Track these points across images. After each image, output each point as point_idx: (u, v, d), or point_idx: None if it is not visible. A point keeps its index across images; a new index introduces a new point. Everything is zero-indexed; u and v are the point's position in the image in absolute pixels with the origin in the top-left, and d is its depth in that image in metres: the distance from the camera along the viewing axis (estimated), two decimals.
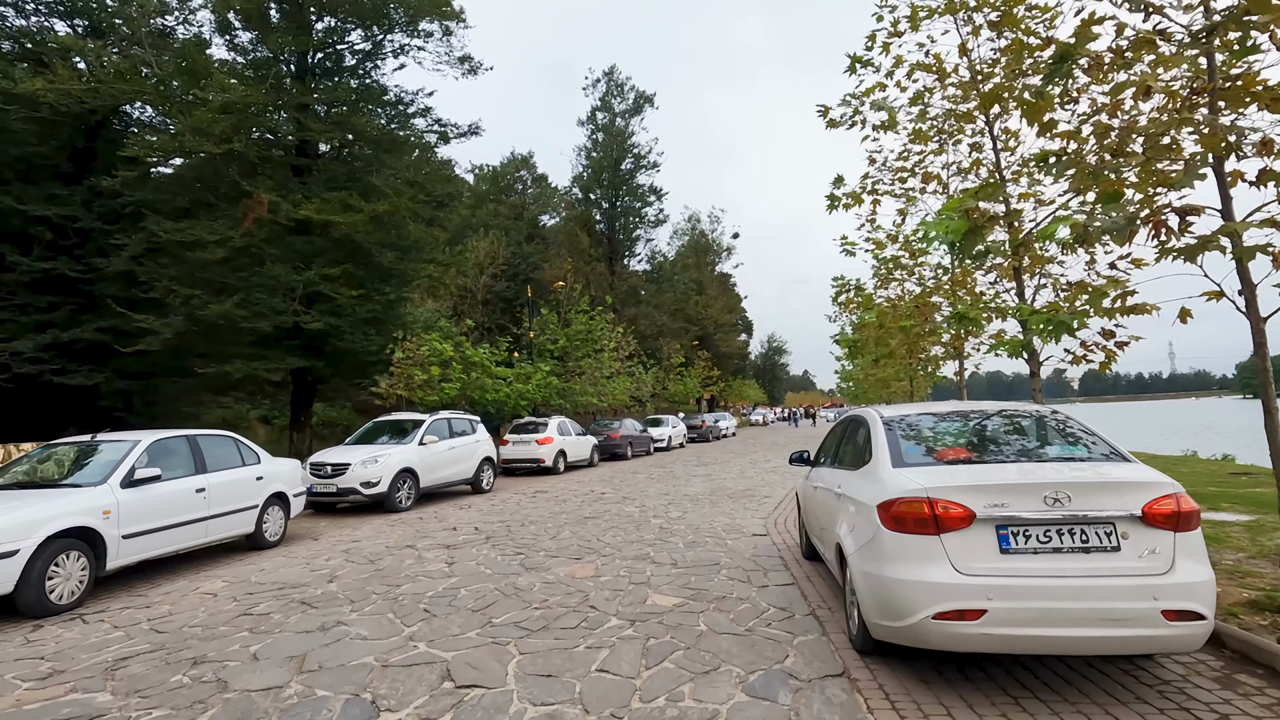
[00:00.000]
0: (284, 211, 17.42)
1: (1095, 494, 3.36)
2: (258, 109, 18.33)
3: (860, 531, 3.94)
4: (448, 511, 11.36)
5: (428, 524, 10.05)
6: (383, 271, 20.25)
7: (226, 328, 17.73)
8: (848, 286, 12.58)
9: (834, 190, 7.82)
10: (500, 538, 8.63)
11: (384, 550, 8.04)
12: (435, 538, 8.79)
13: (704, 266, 57.90)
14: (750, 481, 14.58)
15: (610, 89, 44.78)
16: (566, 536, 8.57)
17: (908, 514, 3.54)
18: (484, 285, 41.13)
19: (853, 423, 5.33)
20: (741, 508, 10.75)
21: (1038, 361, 7.44)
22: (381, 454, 11.56)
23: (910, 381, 13.88)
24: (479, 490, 14.03)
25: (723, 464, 19.66)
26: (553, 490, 14.12)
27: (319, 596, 5.96)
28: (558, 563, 7.06)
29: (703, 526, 9.06)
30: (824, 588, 5.72)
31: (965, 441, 4.20)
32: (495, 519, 10.30)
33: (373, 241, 19.03)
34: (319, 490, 11.19)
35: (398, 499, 11.55)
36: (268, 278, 17.40)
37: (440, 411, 13.84)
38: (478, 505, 12.08)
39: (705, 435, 34.16)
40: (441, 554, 7.69)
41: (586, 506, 11.37)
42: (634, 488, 14.05)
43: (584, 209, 45.98)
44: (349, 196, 18.29)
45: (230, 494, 7.77)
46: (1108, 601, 3.18)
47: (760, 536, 8.26)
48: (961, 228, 4.36)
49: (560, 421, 19.07)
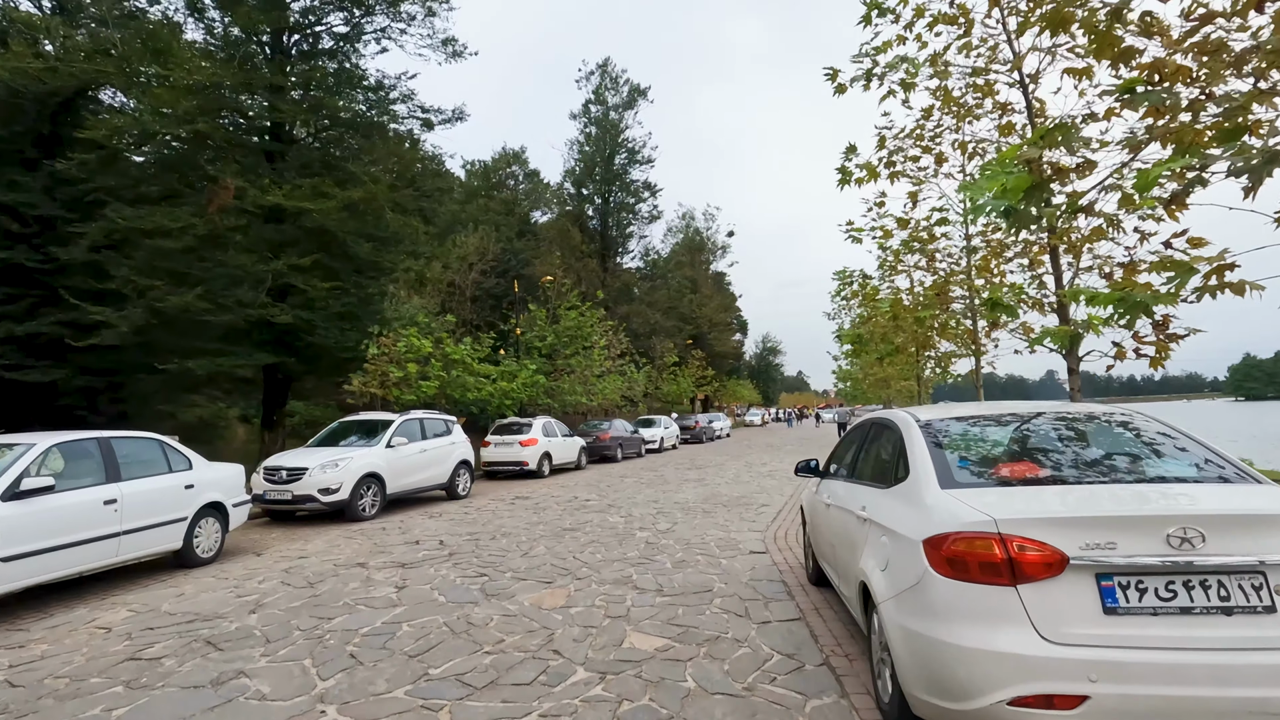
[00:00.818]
0: (251, 197, 16.37)
1: (1238, 531, 2.41)
2: (227, 90, 17.29)
3: (898, 572, 2.98)
4: (415, 521, 10.35)
5: (389, 536, 9.05)
6: (359, 263, 19.20)
7: (189, 321, 16.69)
8: (851, 279, 11.65)
9: (845, 162, 6.87)
10: (465, 554, 7.63)
11: (330, 569, 7.03)
12: (393, 553, 7.79)
13: (698, 264, 56.95)
14: (746, 487, 13.62)
15: (604, 81, 43.78)
16: (540, 553, 7.59)
17: (969, 556, 2.58)
18: (473, 282, 40.06)
19: (877, 427, 4.37)
20: (737, 518, 9.79)
21: (1076, 357, 6.52)
22: (343, 457, 10.54)
23: (917, 381, 12.95)
24: (454, 496, 13.02)
25: (717, 467, 18.70)
26: (534, 496, 13.13)
27: (231, 634, 4.95)
28: (524, 588, 6.08)
29: (694, 541, 8.09)
30: (838, 625, 4.76)
31: (1032, 454, 3.24)
32: (465, 530, 9.30)
33: (347, 231, 17.98)
34: (273, 498, 10.18)
35: (360, 507, 10.54)
36: (232, 268, 16.34)
37: (413, 411, 12.83)
38: (450, 513, 11.08)
39: (699, 436, 33.21)
40: (394, 575, 6.69)
41: (567, 516, 10.38)
42: (621, 494, 13.07)
43: (576, 204, 44.96)
44: (322, 183, 17.25)
45: (150, 505, 6.75)
46: (1267, 689, 2.23)
47: (758, 554, 7.29)
48: (1022, 184, 3.40)
49: (545, 422, 18.08)
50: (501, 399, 19.96)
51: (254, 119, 18.69)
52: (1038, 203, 3.46)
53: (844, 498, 4.21)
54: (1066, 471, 3.05)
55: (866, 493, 3.78)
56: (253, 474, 10.59)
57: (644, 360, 36.32)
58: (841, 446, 5.30)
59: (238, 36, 18.53)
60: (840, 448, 5.33)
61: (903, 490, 3.27)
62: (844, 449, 5.26)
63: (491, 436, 17.51)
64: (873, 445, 4.36)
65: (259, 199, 16.20)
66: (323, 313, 18.16)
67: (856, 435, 4.89)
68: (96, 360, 17.69)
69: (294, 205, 16.46)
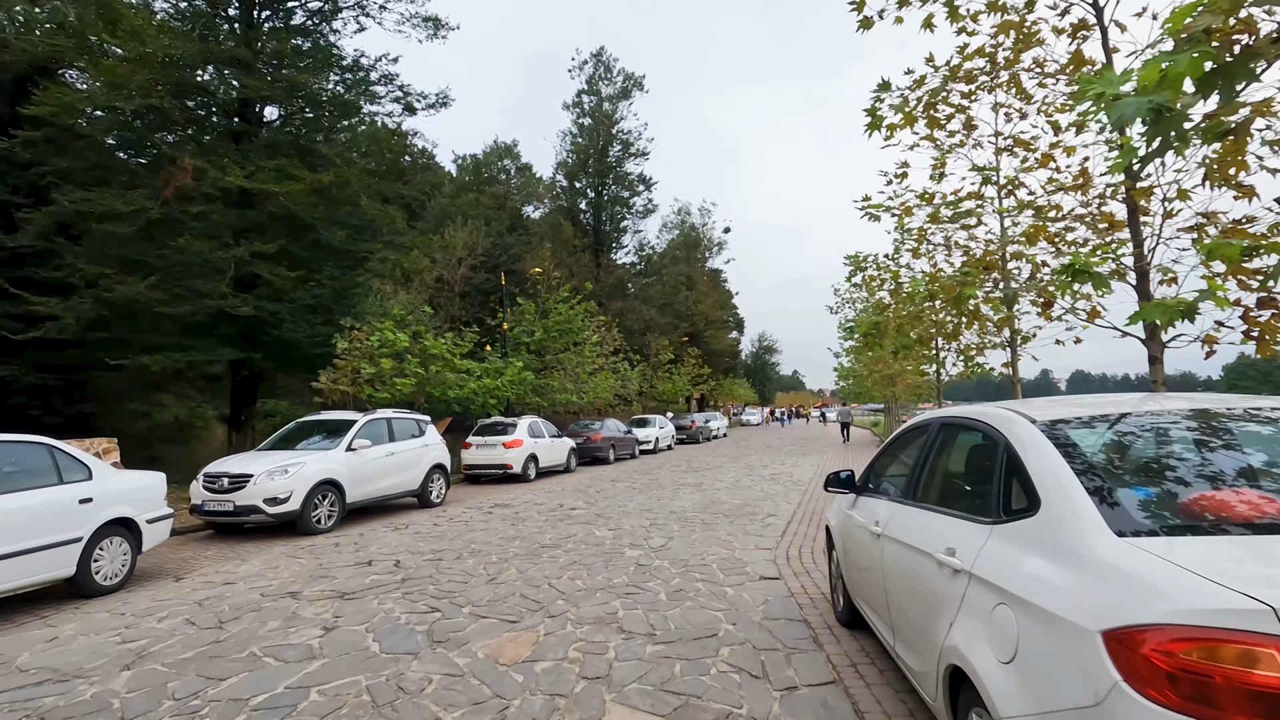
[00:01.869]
0: (211, 179, 15.10)
1: None
2: (185, 64, 16.00)
3: (1045, 676, 1.78)
4: (376, 535, 9.12)
5: (340, 554, 7.81)
6: (332, 252, 17.93)
7: (146, 313, 15.44)
8: (865, 263, 10.47)
9: (876, 103, 5.67)
10: (421, 580, 6.41)
11: (254, 601, 5.81)
12: (336, 578, 6.57)
13: (694, 261, 55.76)
14: (748, 493, 12.42)
15: (598, 71, 42.54)
16: (510, 579, 6.37)
17: (1219, 673, 1.39)
18: (462, 277, 38.84)
19: (951, 430, 3.17)
20: (741, 531, 8.59)
21: (1161, 342, 5.35)
22: (295, 462, 9.30)
23: (937, 376, 11.77)
24: (427, 504, 11.78)
25: (715, 470, 17.50)
26: (515, 503, 11.91)
27: (78, 707, 3.73)
28: (483, 630, 4.86)
29: (693, 562, 6.88)
30: (887, 693, 3.56)
31: (1254, 478, 2.04)
32: (429, 547, 8.07)
33: (317, 217, 16.70)
34: (212, 509, 8.94)
35: (315, 519, 9.31)
36: (190, 255, 15.06)
37: (379, 410, 11.59)
38: (417, 525, 9.85)
39: (695, 437, 32.04)
40: (327, 610, 5.47)
41: (549, 528, 9.17)
42: (611, 501, 11.86)
43: (569, 197, 43.70)
44: (289, 164, 15.98)
45: (26, 525, 5.51)
46: None
47: (770, 580, 6.09)
48: (1196, 67, 2.20)
49: (531, 422, 16.86)
50: (486, 397, 18.72)
51: (218, 96, 17.40)
52: (1227, 92, 2.27)
53: (910, 530, 3.00)
54: None
55: (955, 529, 2.58)
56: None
57: (638, 358, 35.12)
58: (887, 455, 4.11)
59: (201, 9, 17.24)
60: (885, 457, 4.13)
61: (1033, 532, 2.07)
62: (889, 458, 4.07)
63: (473, 438, 16.28)
64: (943, 455, 3.17)
65: (219, 180, 14.92)
66: (291, 305, 16.91)
67: (911, 441, 3.69)
68: (50, 356, 16.39)
69: (257, 187, 15.22)
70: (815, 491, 12.44)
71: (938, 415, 3.33)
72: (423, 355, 17.00)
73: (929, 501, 3.08)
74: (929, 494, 3.13)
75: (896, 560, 3.07)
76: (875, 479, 4.12)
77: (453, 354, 17.71)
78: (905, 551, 2.95)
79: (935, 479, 3.15)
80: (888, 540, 3.23)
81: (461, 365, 18.00)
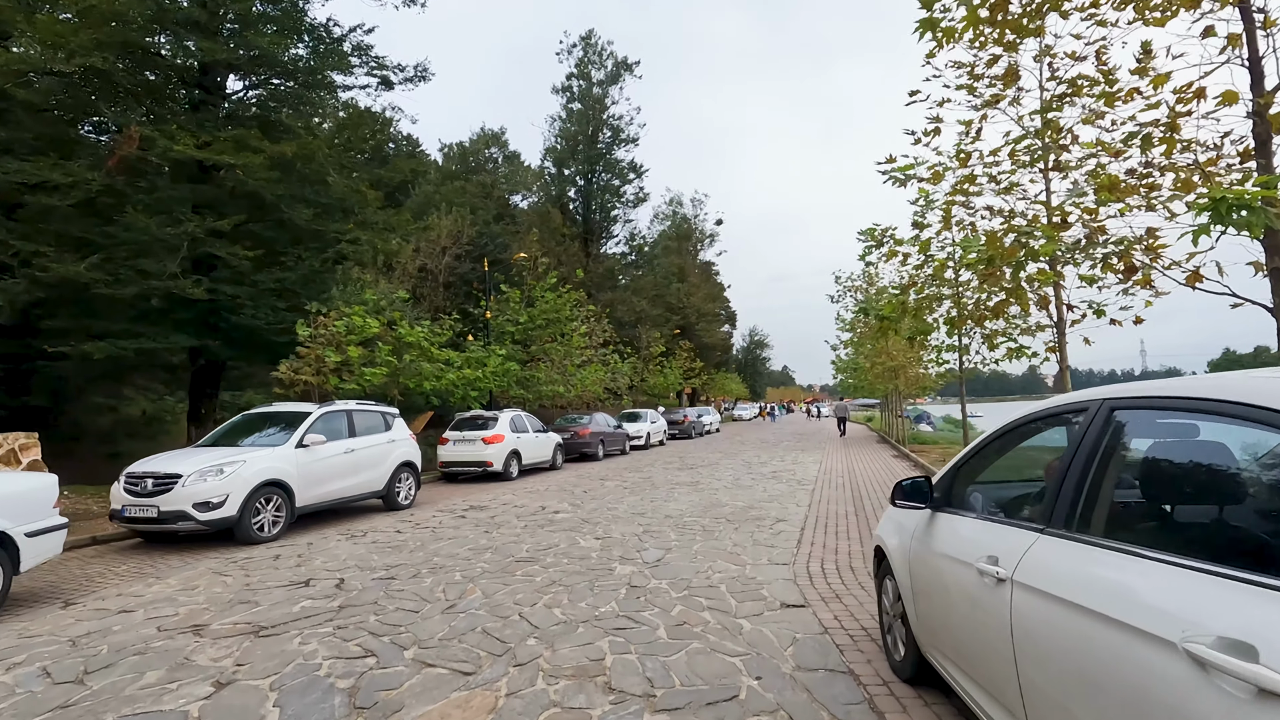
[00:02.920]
0: (160, 148, 13.74)
1: None
2: (135, 23, 14.60)
3: None
4: (326, 544, 7.89)
5: (278, 570, 6.59)
6: (298, 232, 16.58)
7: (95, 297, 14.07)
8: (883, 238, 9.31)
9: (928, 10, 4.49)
10: (362, 607, 5.20)
11: (143, 639, 4.58)
12: (259, 605, 5.34)
13: (686, 252, 54.60)
14: (750, 494, 11.27)
15: (587, 54, 41.17)
16: (472, 607, 5.17)
17: None
18: (446, 266, 37.51)
19: (1161, 423, 1.98)
20: (749, 539, 7.43)
21: None
22: (233, 461, 8.04)
23: (960, 365, 10.65)
24: (393, 506, 10.56)
25: (711, 467, 16.35)
26: (492, 505, 10.70)
27: None
28: (424, 686, 3.67)
29: (696, 583, 5.71)
30: None
31: None
32: (384, 561, 6.86)
33: (279, 194, 15.35)
34: (135, 515, 7.67)
35: (256, 526, 8.06)
36: (138, 232, 13.70)
37: (338, 402, 10.33)
38: (378, 531, 8.62)
39: (688, 432, 30.90)
40: (230, 652, 4.25)
41: (527, 536, 7.97)
42: (599, 502, 10.67)
43: (557, 185, 42.34)
44: (247, 134, 14.63)
45: None
46: None
47: (795, 609, 4.93)
48: None
49: (514, 416, 15.63)
50: (466, 389, 17.48)
51: (172, 62, 15.99)
52: None
53: (1105, 589, 1.77)
54: None
55: (1243, 603, 1.39)
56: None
57: (629, 350, 33.93)
58: (988, 455, 2.94)
59: None
60: (982, 458, 2.97)
61: None
62: (985, 460, 2.92)
63: (450, 432, 15.04)
64: (1114, 461, 1.99)
65: (168, 150, 13.56)
66: (253, 289, 15.58)
67: (1041, 436, 2.53)
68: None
69: (210, 158, 13.86)
70: (825, 492, 11.31)
71: (1108, 395, 2.15)
72: (397, 344, 15.72)
73: (1095, 531, 1.92)
74: (1096, 519, 1.96)
75: (1061, 631, 1.88)
76: (968, 490, 2.95)
77: (430, 342, 16.45)
78: (1090, 624, 1.76)
79: (1103, 493, 1.97)
80: (1030, 594, 2.05)
81: (440, 355, 16.74)
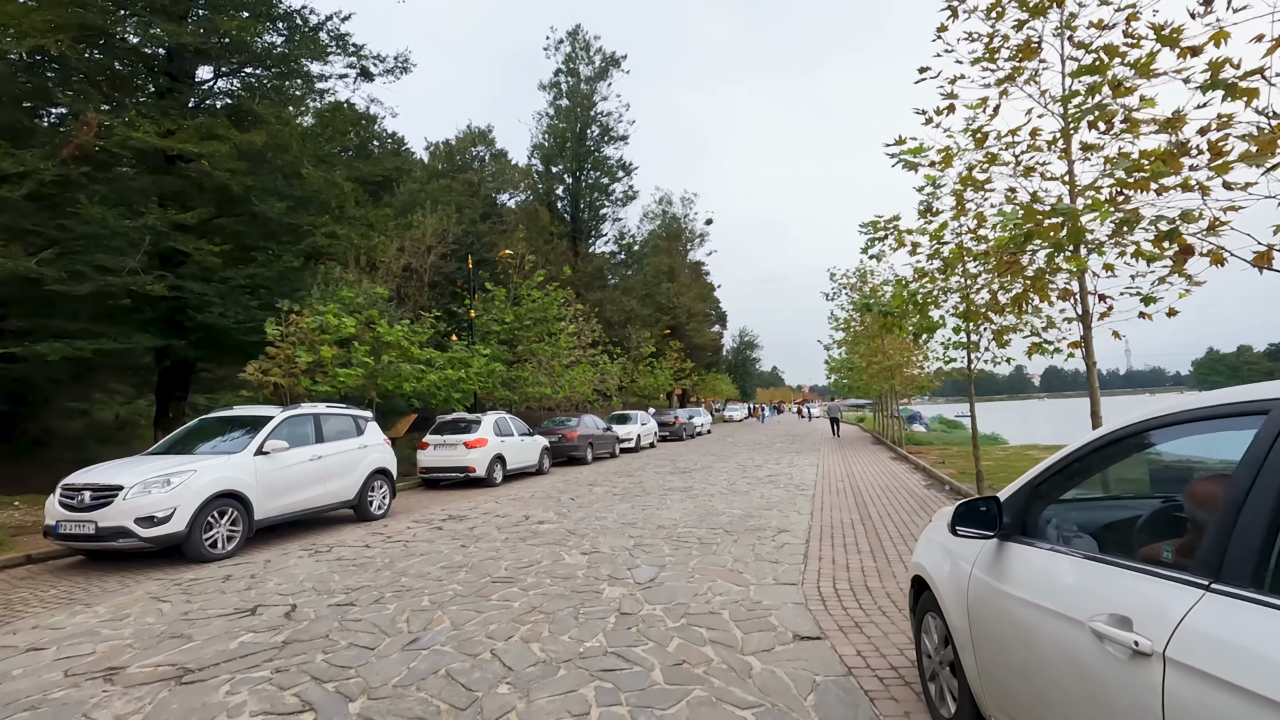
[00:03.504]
0: (119, 136, 12.93)
1: None
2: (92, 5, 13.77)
3: None
4: (285, 562, 7.16)
5: (224, 595, 5.86)
6: (270, 227, 15.78)
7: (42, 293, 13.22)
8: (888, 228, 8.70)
9: None
10: (310, 642, 4.50)
11: (43, 687, 3.86)
12: (193, 639, 4.62)
13: (676, 252, 53.97)
14: (747, 500, 10.63)
15: (575, 50, 40.49)
16: (437, 641, 4.48)
17: None
18: (431, 265, 36.71)
19: None
20: (751, 554, 6.78)
21: None
22: (181, 471, 7.30)
23: (969, 363, 10.06)
24: (365, 517, 9.83)
25: (704, 470, 15.70)
26: (472, 515, 9.99)
27: None
28: None
29: (695, 608, 5.05)
30: None
31: None
32: (344, 583, 6.14)
33: (249, 185, 14.54)
34: (70, 532, 6.91)
35: (209, 542, 7.33)
36: (97, 225, 12.89)
37: (306, 405, 9.59)
38: (344, 546, 7.90)
39: (679, 434, 30.27)
40: (140, 706, 3.54)
41: (507, 551, 7.28)
42: (587, 511, 9.99)
43: (545, 182, 41.59)
44: (214, 123, 13.85)
45: None
46: None
47: (811, 641, 4.28)
48: None
49: (498, 419, 14.92)
50: (449, 390, 16.73)
51: (138, 46, 15.17)
52: None
53: None
54: None
55: None
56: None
57: (618, 350, 33.25)
58: (1076, 471, 2.30)
59: None
60: (1065, 475, 2.32)
61: None
62: (1077, 477, 2.27)
63: (430, 436, 14.31)
64: None
65: (127, 137, 12.76)
66: (222, 286, 14.78)
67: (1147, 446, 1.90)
68: None
69: (173, 147, 13.07)
70: (826, 498, 10.69)
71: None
72: (375, 343, 14.96)
73: None
74: None
75: None
76: (1051, 514, 2.31)
77: (410, 342, 15.69)
78: None
79: None
80: (1198, 681, 1.40)
81: (420, 355, 15.99)
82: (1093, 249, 5.99)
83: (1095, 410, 6.81)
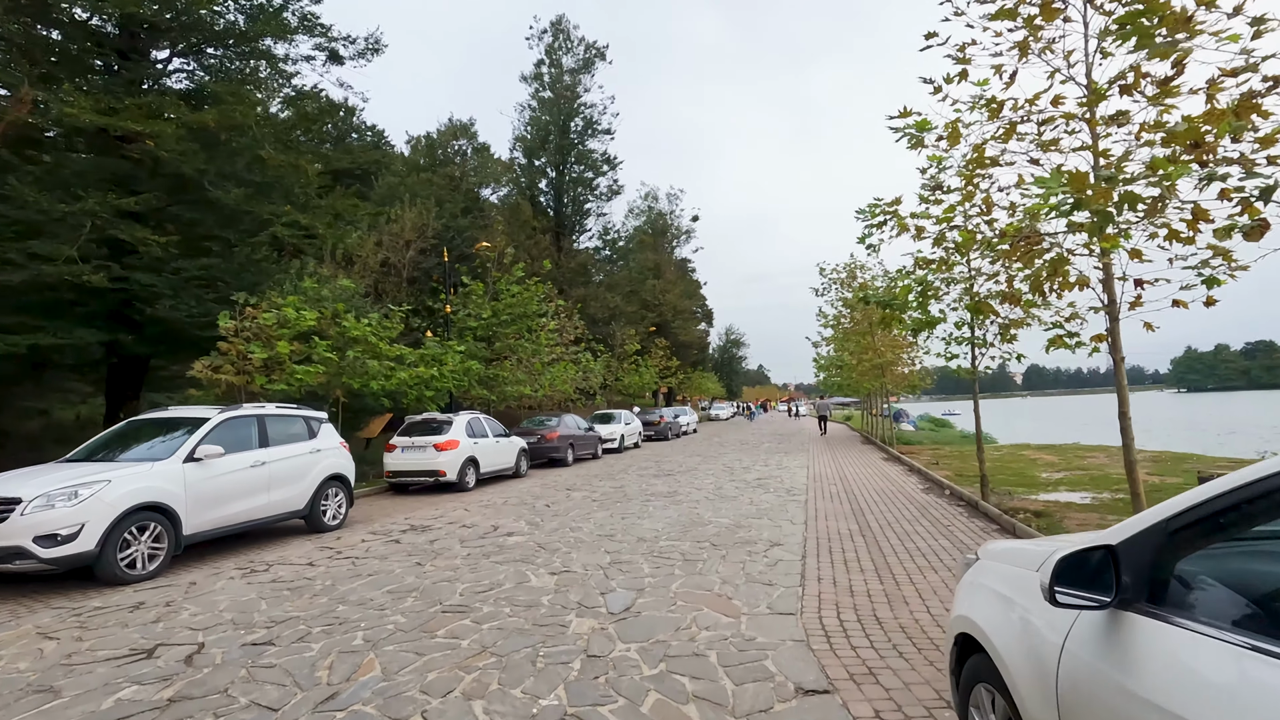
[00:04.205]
0: (55, 114, 11.93)
1: None
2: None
3: None
4: (211, 586, 6.28)
5: (125, 630, 4.99)
6: (226, 214, 14.78)
7: None
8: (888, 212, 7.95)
9: None
10: (203, 700, 3.65)
11: None
12: (63, 693, 3.76)
13: (661, 248, 53.19)
14: (736, 507, 9.87)
15: (557, 41, 39.53)
16: (358, 699, 3.65)
17: None
18: (410, 261, 35.65)
19: None
20: (741, 574, 6.01)
21: None
22: (91, 481, 6.39)
23: (972, 360, 9.36)
24: (318, 528, 8.95)
25: (690, 473, 14.93)
26: (436, 525, 9.14)
27: None
28: None
29: (676, 647, 4.26)
30: None
31: None
32: (271, 614, 5.29)
33: (200, 168, 13.54)
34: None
35: (125, 562, 6.43)
36: (32, 211, 11.87)
37: (247, 405, 8.68)
38: (284, 564, 7.02)
39: (664, 433, 29.48)
40: None
41: (466, 571, 6.45)
42: (562, 520, 9.18)
43: (528, 176, 40.60)
44: (160, 100, 12.86)
45: None
46: None
47: (818, 697, 3.50)
48: None
49: (471, 419, 14.04)
50: (421, 389, 15.82)
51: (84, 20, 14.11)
52: None
53: None
54: None
55: None
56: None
57: (602, 348, 32.41)
58: (1252, 506, 1.53)
59: None
60: (1236, 510, 1.55)
61: None
62: (1253, 511, 1.51)
63: (398, 438, 13.40)
64: None
65: (63, 115, 11.75)
66: (173, 277, 13.78)
67: None
68: None
69: (111, 124, 12.05)
70: (819, 504, 9.96)
71: None
72: (340, 338, 14.02)
73: None
74: None
75: None
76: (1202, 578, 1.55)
77: (379, 337, 14.76)
78: None
79: None
80: None
81: (389, 351, 15.07)
82: (1120, 232, 5.28)
83: (1124, 410, 6.14)
